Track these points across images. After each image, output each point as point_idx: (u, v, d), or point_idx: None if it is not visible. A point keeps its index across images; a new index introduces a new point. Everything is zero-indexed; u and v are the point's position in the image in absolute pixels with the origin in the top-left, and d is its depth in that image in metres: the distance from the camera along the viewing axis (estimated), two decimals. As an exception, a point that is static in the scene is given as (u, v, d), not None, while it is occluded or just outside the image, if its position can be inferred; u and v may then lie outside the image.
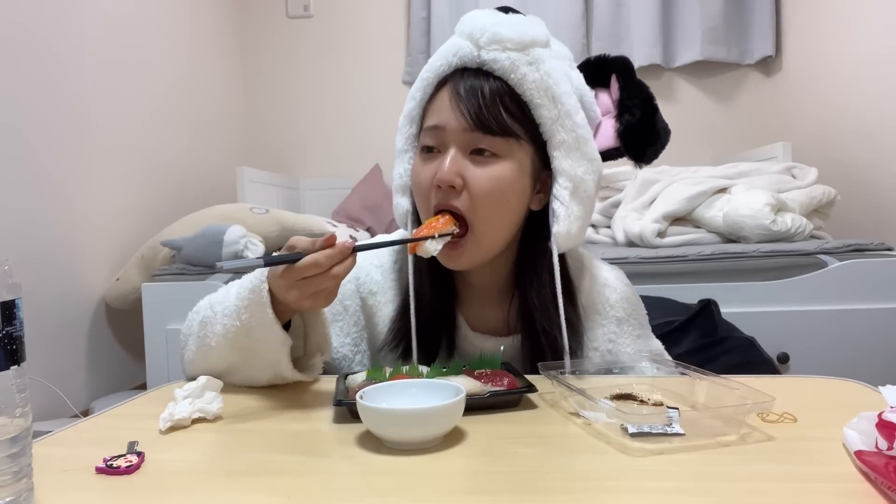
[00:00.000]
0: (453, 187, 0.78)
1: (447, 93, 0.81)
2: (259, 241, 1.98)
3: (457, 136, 0.79)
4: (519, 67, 0.78)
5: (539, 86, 0.79)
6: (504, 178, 0.79)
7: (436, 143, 0.81)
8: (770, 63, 3.00)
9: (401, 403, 0.65)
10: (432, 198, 0.80)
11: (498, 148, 0.79)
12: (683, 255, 1.77)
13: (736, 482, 0.52)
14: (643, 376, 0.84)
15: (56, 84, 1.94)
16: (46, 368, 1.81)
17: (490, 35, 0.78)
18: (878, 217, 2.24)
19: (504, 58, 0.78)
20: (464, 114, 0.78)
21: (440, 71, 0.82)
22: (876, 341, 1.65)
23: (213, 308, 0.82)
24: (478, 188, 0.78)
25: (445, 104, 0.80)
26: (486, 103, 0.78)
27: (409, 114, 0.86)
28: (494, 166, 0.79)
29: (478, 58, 0.79)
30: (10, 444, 0.47)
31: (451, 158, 0.78)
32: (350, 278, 0.90)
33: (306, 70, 3.26)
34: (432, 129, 0.81)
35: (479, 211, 0.79)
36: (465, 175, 0.78)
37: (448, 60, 0.81)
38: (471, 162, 0.79)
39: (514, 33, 0.79)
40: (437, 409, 0.61)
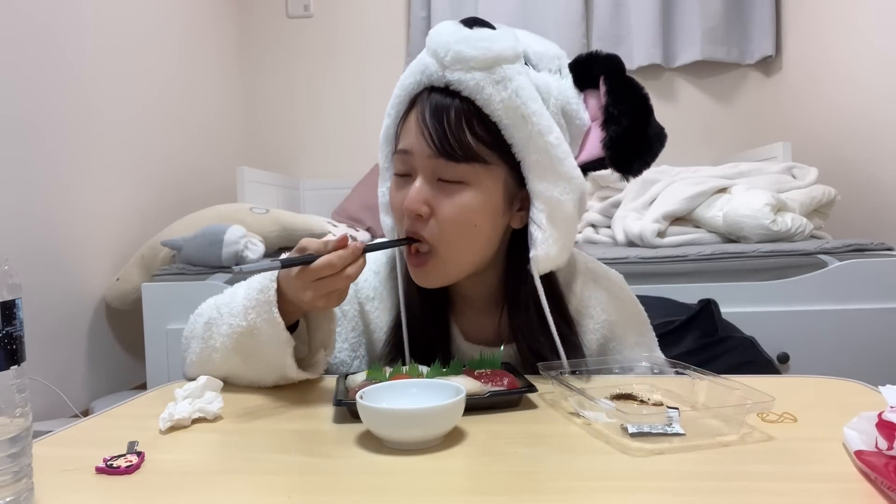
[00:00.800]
0: (420, 215, 0.77)
1: (416, 115, 0.78)
2: (259, 241, 1.98)
3: (423, 161, 0.77)
4: (484, 88, 0.74)
5: (507, 105, 0.75)
6: (470, 206, 0.77)
7: (405, 168, 0.80)
8: (770, 63, 3.00)
9: (401, 403, 0.65)
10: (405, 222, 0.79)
11: (463, 175, 0.77)
12: (683, 255, 1.77)
13: (736, 482, 0.52)
14: (643, 376, 0.84)
15: (56, 84, 1.94)
16: (46, 368, 1.82)
17: (453, 54, 0.75)
18: (878, 217, 2.24)
19: (469, 78, 0.75)
20: (427, 140, 0.76)
21: (410, 89, 0.80)
22: (876, 341, 1.65)
23: (219, 309, 0.82)
24: (444, 216, 0.77)
25: (413, 127, 0.78)
26: (452, 128, 0.75)
27: (385, 132, 0.85)
28: (461, 194, 0.77)
29: (443, 78, 0.76)
30: (10, 444, 0.47)
31: (417, 187, 0.77)
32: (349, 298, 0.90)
33: (306, 70, 3.26)
34: (402, 153, 0.80)
35: (446, 237, 0.78)
36: (431, 203, 0.77)
37: (417, 78, 0.79)
38: (438, 189, 0.77)
39: (478, 51, 0.74)
40: (437, 409, 0.61)
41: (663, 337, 1.02)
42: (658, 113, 0.82)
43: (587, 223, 2.35)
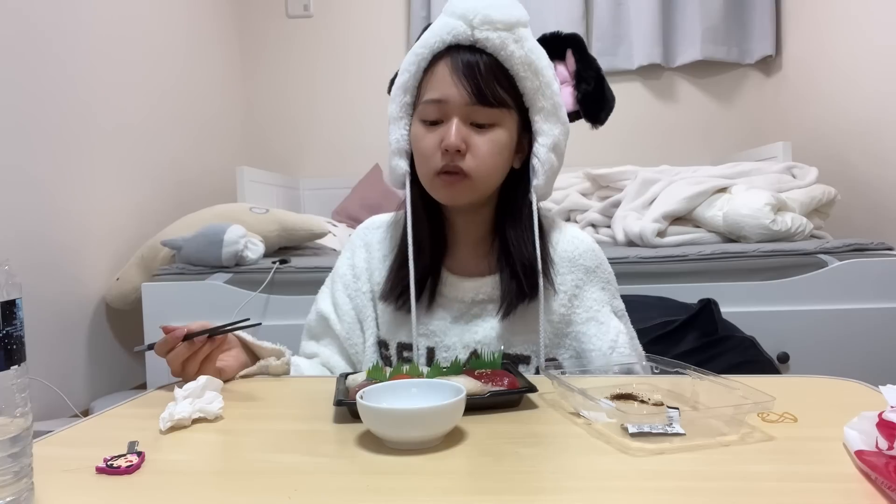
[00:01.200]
0: (459, 151, 0.89)
1: (445, 68, 0.90)
2: (259, 241, 1.97)
3: (459, 108, 0.89)
4: (507, 45, 0.89)
5: (524, 61, 0.90)
6: (499, 142, 0.91)
7: (438, 115, 0.91)
8: (770, 63, 3.00)
9: (401, 403, 0.65)
10: (438, 160, 0.90)
11: (494, 118, 0.90)
12: (683, 255, 1.77)
13: (736, 482, 0.52)
14: (643, 376, 0.84)
15: (56, 84, 1.94)
16: (46, 368, 1.82)
17: (482, 17, 0.88)
18: (878, 217, 2.24)
19: (495, 37, 0.88)
20: (466, 88, 0.88)
21: (435, 47, 0.91)
22: (876, 341, 1.65)
23: None
24: (480, 151, 0.90)
25: (446, 79, 0.89)
26: (484, 78, 0.88)
27: (403, 84, 0.95)
28: (492, 133, 0.91)
29: (471, 37, 0.89)
30: (10, 444, 0.47)
31: (456, 127, 0.88)
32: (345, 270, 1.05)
33: (306, 70, 3.26)
34: (434, 102, 0.90)
35: (480, 167, 0.91)
36: (468, 141, 0.89)
37: (442, 38, 0.90)
38: (472, 130, 0.90)
39: (503, 15, 0.89)
40: (437, 408, 0.61)
41: (663, 337, 1.03)
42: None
43: (587, 223, 2.35)
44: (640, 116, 3.05)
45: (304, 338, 1.07)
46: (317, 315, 1.05)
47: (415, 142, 0.94)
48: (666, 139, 3.06)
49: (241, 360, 0.92)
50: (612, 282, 1.02)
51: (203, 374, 0.81)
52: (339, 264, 1.07)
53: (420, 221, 0.96)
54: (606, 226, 2.29)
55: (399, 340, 0.98)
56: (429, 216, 0.97)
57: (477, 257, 0.99)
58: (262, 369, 0.93)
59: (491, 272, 0.97)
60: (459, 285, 0.98)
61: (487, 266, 0.98)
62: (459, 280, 0.98)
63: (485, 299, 0.97)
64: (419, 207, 0.96)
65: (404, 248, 0.96)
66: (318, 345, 1.04)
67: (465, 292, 0.97)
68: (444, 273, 0.99)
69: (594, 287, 0.98)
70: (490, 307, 0.96)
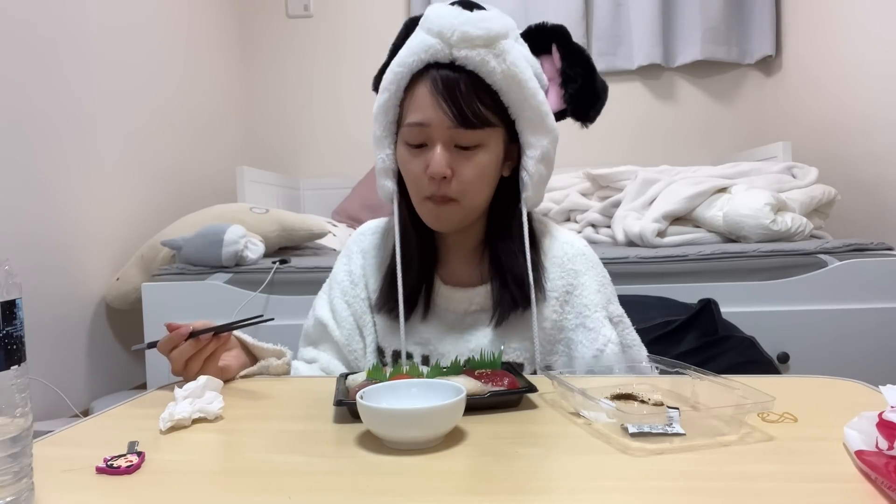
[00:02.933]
0: (444, 177, 0.88)
1: (426, 89, 0.87)
2: (259, 241, 1.97)
3: (442, 132, 0.87)
4: (488, 62, 0.86)
5: (506, 74, 0.87)
6: (485, 164, 0.90)
7: (421, 139, 0.89)
8: (770, 63, 3.00)
9: (401, 403, 0.65)
10: (425, 186, 0.89)
11: (478, 139, 0.88)
12: (683, 255, 1.77)
13: (736, 482, 0.52)
14: (643, 376, 0.84)
15: (56, 84, 1.94)
16: (46, 368, 1.82)
17: (459, 34, 0.85)
18: (878, 217, 2.24)
19: (474, 55, 0.85)
20: (446, 112, 0.86)
21: (413, 66, 0.88)
22: (876, 341, 1.65)
23: None
24: (465, 176, 0.89)
25: (427, 101, 0.87)
26: (465, 99, 0.86)
27: (384, 105, 0.92)
28: (477, 155, 0.89)
29: (450, 55, 0.86)
30: (10, 444, 0.47)
31: (440, 153, 0.87)
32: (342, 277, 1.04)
33: (306, 70, 3.26)
34: (417, 126, 0.88)
35: (467, 192, 0.90)
36: (453, 166, 0.88)
37: (419, 57, 0.87)
38: (456, 153, 0.88)
39: (481, 31, 0.85)
40: (437, 408, 0.61)
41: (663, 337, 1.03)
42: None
43: (587, 223, 2.35)
44: (640, 116, 3.05)
45: (302, 343, 1.07)
46: (315, 321, 1.04)
47: (401, 164, 0.93)
48: (666, 139, 3.06)
49: (242, 361, 0.92)
50: (608, 285, 1.00)
51: (205, 373, 0.81)
52: (337, 270, 1.06)
53: (410, 236, 0.95)
54: (606, 226, 2.29)
55: (395, 348, 0.98)
56: (419, 230, 0.96)
57: (469, 267, 0.99)
58: (262, 369, 0.93)
59: (483, 281, 0.97)
60: (452, 296, 0.98)
61: (479, 275, 0.98)
62: (452, 290, 0.98)
63: (478, 309, 0.97)
64: (409, 222, 0.96)
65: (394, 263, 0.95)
66: (317, 350, 1.04)
67: (458, 303, 0.97)
68: (437, 283, 0.99)
69: (586, 291, 0.97)
70: (483, 316, 0.96)
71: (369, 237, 1.05)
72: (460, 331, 0.97)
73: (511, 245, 0.94)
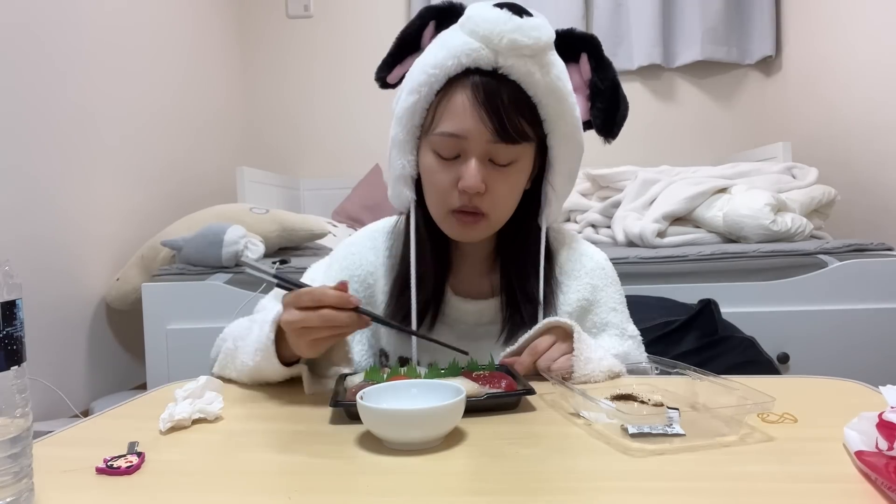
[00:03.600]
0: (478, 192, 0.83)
1: (465, 97, 0.81)
2: (259, 241, 1.97)
3: (479, 145, 0.82)
4: (533, 74, 0.81)
5: (550, 87, 0.83)
6: (518, 180, 0.87)
7: (455, 151, 0.83)
8: (770, 63, 3.00)
9: (401, 404, 0.65)
10: (454, 199, 0.84)
11: (515, 154, 0.84)
12: (683, 255, 1.77)
13: (736, 482, 0.52)
14: (643, 377, 0.84)
15: (56, 84, 1.94)
16: (46, 368, 1.82)
17: (508, 41, 0.79)
18: (878, 217, 2.24)
19: (521, 64, 0.80)
20: (487, 125, 0.80)
21: (450, 70, 0.82)
22: (876, 341, 1.65)
23: (235, 342, 0.87)
24: (499, 192, 0.85)
25: (466, 111, 0.81)
26: (507, 112, 0.80)
27: (411, 107, 0.85)
28: (511, 172, 0.85)
29: (494, 62, 0.80)
30: (10, 445, 0.47)
31: (475, 167, 0.82)
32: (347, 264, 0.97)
33: (306, 70, 3.26)
34: (451, 136, 0.82)
35: (498, 208, 0.87)
36: (487, 181, 0.83)
37: (459, 61, 0.81)
38: (490, 168, 0.84)
39: (531, 40, 0.80)
40: (437, 409, 0.61)
41: (663, 337, 1.03)
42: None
43: (587, 223, 2.35)
44: (640, 117, 3.05)
45: (269, 297, 1.00)
46: None
47: (426, 174, 0.87)
48: (666, 139, 3.06)
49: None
50: (623, 302, 0.97)
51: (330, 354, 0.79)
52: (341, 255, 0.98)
53: (424, 246, 0.90)
54: (606, 226, 2.29)
55: (401, 354, 0.95)
56: (433, 240, 0.91)
57: (481, 276, 0.95)
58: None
59: (494, 294, 0.94)
60: (462, 307, 0.94)
61: (490, 286, 0.94)
62: (463, 302, 0.94)
63: (488, 322, 0.94)
64: (423, 233, 0.90)
65: (406, 273, 0.90)
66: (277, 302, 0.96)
67: (468, 314, 0.94)
68: (447, 293, 0.94)
69: (601, 310, 0.94)
70: (493, 329, 0.93)
71: (383, 236, 0.99)
72: (469, 341, 0.92)
73: (525, 262, 0.91)
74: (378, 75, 0.93)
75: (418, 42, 0.90)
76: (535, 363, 0.83)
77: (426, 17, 0.90)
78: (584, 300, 0.94)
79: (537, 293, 0.89)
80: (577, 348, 0.82)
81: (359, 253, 0.98)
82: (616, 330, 0.94)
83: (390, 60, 0.92)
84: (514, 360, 0.83)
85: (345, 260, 0.98)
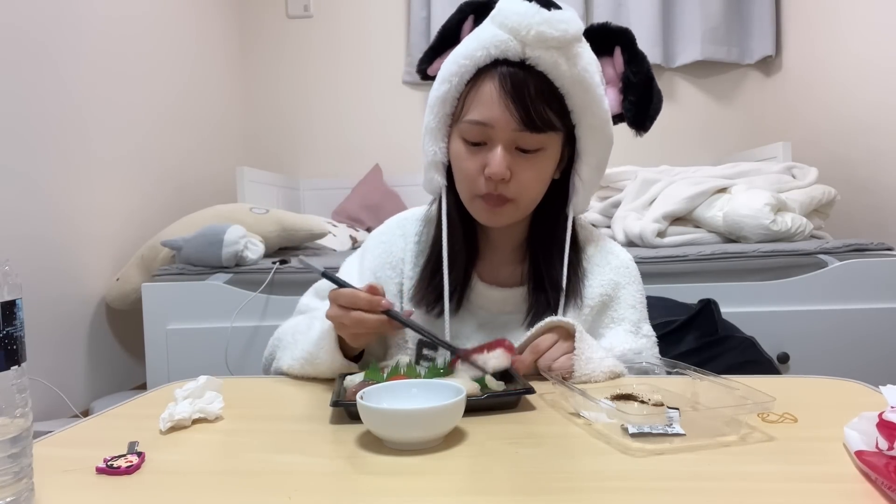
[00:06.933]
0: (503, 179, 0.85)
1: (493, 87, 0.84)
2: (259, 241, 1.97)
3: (505, 133, 0.84)
4: (560, 65, 0.83)
5: (577, 79, 0.84)
6: (544, 167, 0.89)
7: (482, 138, 0.86)
8: (770, 63, 3.00)
9: (401, 404, 0.65)
10: (481, 185, 0.87)
11: (541, 142, 0.86)
12: (683, 255, 1.77)
13: (736, 482, 0.52)
14: (644, 376, 0.84)
15: (56, 84, 1.94)
16: (46, 368, 1.82)
17: (536, 34, 0.81)
18: (878, 217, 2.24)
19: (547, 56, 0.82)
20: (513, 114, 0.83)
21: (480, 60, 0.85)
22: (876, 341, 1.65)
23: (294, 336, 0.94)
24: (524, 179, 0.87)
25: (493, 100, 0.84)
26: (533, 102, 0.83)
27: (443, 96, 0.89)
28: (537, 159, 0.87)
29: (521, 53, 0.83)
30: (10, 445, 0.47)
31: (501, 155, 0.85)
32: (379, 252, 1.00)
33: (306, 70, 3.26)
34: (478, 124, 0.85)
35: (524, 194, 0.89)
36: (512, 168, 0.86)
37: (488, 51, 0.84)
38: (516, 155, 0.86)
39: (559, 32, 0.82)
40: (437, 409, 0.61)
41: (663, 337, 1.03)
42: None
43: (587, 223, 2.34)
44: (640, 116, 3.04)
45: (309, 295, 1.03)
46: None
47: (455, 160, 0.90)
48: (666, 139, 3.06)
49: None
50: (643, 302, 0.99)
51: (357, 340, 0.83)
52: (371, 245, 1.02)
53: (455, 230, 0.93)
54: (606, 226, 2.29)
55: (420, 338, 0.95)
56: (463, 225, 0.94)
57: (509, 265, 0.97)
58: None
59: (521, 283, 0.95)
60: (488, 294, 0.95)
61: (518, 276, 0.96)
62: (488, 288, 0.96)
63: (512, 310, 0.95)
64: (454, 217, 0.93)
65: (436, 257, 0.93)
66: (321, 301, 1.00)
67: (492, 302, 0.95)
68: (473, 279, 0.96)
69: (621, 306, 0.96)
70: (516, 318, 0.94)
71: (412, 223, 1.01)
72: (490, 329, 0.95)
73: (552, 249, 0.93)
74: (419, 67, 0.96)
75: (458, 35, 0.93)
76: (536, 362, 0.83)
77: (466, 12, 0.93)
78: (605, 295, 0.95)
79: (561, 280, 0.91)
80: (578, 348, 0.82)
81: (389, 241, 1.00)
82: (631, 326, 0.95)
83: (431, 53, 0.95)
84: (516, 358, 0.83)
85: (376, 248, 1.00)
